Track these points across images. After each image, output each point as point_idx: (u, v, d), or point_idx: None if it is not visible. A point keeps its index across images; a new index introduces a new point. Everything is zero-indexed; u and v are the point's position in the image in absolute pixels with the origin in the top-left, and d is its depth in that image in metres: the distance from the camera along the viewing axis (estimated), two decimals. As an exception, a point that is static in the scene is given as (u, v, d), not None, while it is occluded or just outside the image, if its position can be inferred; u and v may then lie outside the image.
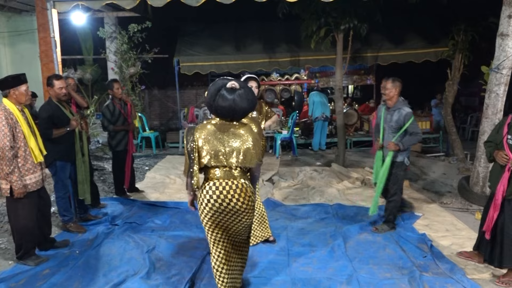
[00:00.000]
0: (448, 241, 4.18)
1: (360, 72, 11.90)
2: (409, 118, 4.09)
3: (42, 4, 5.82)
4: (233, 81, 2.65)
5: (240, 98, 2.60)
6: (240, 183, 2.67)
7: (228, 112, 2.63)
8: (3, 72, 8.04)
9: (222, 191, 2.63)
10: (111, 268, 3.63)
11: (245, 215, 2.72)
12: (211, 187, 2.65)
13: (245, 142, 2.66)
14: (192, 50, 9.54)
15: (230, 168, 2.66)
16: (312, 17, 6.74)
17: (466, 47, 8.06)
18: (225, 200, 2.63)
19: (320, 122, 8.86)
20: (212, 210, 2.66)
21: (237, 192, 2.64)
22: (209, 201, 2.65)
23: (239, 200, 2.65)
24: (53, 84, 4.21)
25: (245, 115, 2.71)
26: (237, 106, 2.61)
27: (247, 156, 2.65)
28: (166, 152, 9.25)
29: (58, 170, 4.27)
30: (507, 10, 4.90)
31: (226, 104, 2.60)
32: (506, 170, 3.27)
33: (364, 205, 5.29)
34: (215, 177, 2.66)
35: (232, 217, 2.70)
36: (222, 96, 2.60)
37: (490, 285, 3.33)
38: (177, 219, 4.84)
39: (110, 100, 5.44)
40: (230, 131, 2.68)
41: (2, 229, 4.52)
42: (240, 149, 2.64)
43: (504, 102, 5.13)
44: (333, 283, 3.33)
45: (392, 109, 4.20)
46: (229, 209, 2.65)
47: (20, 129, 3.49)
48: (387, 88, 4.19)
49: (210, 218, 2.69)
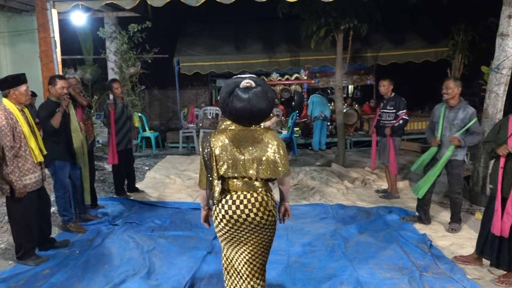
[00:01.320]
0: (448, 241, 4.18)
1: (360, 72, 11.89)
2: (474, 117, 4.15)
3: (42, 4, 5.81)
4: (248, 79, 2.34)
5: (256, 97, 2.29)
6: (261, 195, 2.39)
7: (244, 114, 2.32)
8: (3, 72, 8.04)
9: (240, 205, 2.36)
10: (111, 268, 3.63)
11: (264, 230, 2.44)
12: (228, 201, 2.38)
13: (267, 149, 2.37)
14: (192, 50, 9.54)
15: (250, 179, 2.38)
16: (312, 17, 6.74)
17: (466, 47, 8.07)
18: (241, 216, 2.36)
19: (319, 122, 8.85)
20: (228, 225, 2.40)
21: (256, 205, 2.36)
22: (224, 216, 2.38)
23: (258, 214, 2.37)
24: (56, 83, 4.19)
25: (265, 117, 2.41)
26: (254, 107, 2.30)
27: (270, 166, 2.36)
28: (166, 152, 9.25)
29: (57, 169, 4.27)
30: (507, 10, 4.90)
31: (241, 105, 2.29)
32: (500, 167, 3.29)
33: (364, 205, 5.29)
34: (233, 188, 2.40)
35: (249, 233, 2.42)
36: (237, 97, 2.30)
37: (490, 285, 3.33)
38: (177, 219, 4.84)
39: (110, 100, 5.45)
40: (250, 137, 2.38)
41: (2, 229, 4.51)
42: (262, 158, 2.35)
43: (504, 102, 5.13)
44: (333, 283, 3.33)
45: (456, 108, 4.23)
46: (246, 224, 2.38)
47: (20, 129, 3.49)
48: (449, 87, 4.20)
49: (226, 233, 2.44)
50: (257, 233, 2.43)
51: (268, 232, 2.46)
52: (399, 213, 4.88)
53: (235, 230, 2.41)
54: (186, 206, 5.25)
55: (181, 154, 8.97)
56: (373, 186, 6.20)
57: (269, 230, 2.46)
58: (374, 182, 6.38)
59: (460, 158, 4.30)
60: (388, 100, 5.48)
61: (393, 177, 5.58)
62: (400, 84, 5.77)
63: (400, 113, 5.35)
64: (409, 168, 7.15)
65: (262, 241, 2.48)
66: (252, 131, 2.40)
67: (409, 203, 5.35)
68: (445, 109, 4.34)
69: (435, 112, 4.48)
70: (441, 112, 4.36)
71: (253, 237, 2.44)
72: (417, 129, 9.55)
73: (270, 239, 2.52)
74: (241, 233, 2.43)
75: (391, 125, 5.35)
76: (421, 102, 10.61)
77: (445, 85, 4.26)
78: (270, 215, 2.42)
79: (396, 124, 5.33)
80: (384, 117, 5.49)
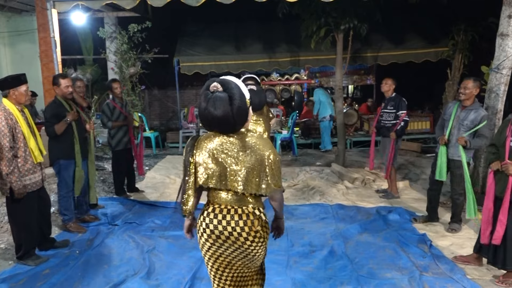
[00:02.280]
0: (448, 241, 4.18)
1: (360, 72, 11.90)
2: (484, 120, 4.11)
3: (42, 4, 5.81)
4: (217, 82, 2.06)
5: (214, 103, 2.00)
6: (246, 212, 2.10)
7: (205, 120, 2.08)
8: (3, 72, 8.04)
9: (222, 220, 2.09)
10: (111, 268, 3.63)
11: (251, 252, 2.14)
12: (209, 213, 2.13)
13: (256, 160, 2.07)
14: (192, 50, 9.54)
15: (235, 192, 2.09)
16: (312, 17, 6.74)
17: (466, 47, 8.07)
18: (223, 232, 2.09)
19: (327, 122, 8.84)
20: (208, 241, 2.15)
21: (240, 224, 2.07)
22: (205, 230, 2.14)
23: (241, 234, 2.08)
24: (60, 83, 4.22)
25: (226, 124, 2.06)
26: (209, 114, 2.02)
27: (253, 181, 2.06)
28: (166, 152, 9.25)
29: (61, 169, 4.27)
30: (507, 10, 4.90)
31: (201, 109, 2.07)
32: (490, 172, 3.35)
33: (364, 205, 5.29)
34: (218, 201, 2.14)
35: (234, 253, 2.15)
36: (201, 99, 2.08)
37: (490, 285, 3.33)
38: (177, 219, 4.84)
39: (110, 99, 5.46)
40: (237, 145, 2.09)
41: (2, 229, 4.51)
42: (248, 169, 2.06)
43: (504, 102, 5.13)
44: (333, 283, 3.33)
45: (469, 108, 4.19)
46: (229, 242, 2.11)
47: (20, 129, 3.49)
48: (468, 87, 4.15)
49: (208, 250, 2.19)
50: (243, 254, 2.15)
51: (257, 254, 2.16)
52: (399, 213, 4.88)
53: (218, 248, 2.15)
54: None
55: (181, 154, 8.96)
56: (373, 186, 6.20)
57: (257, 251, 2.15)
58: (374, 182, 6.38)
59: (466, 160, 4.27)
60: (389, 100, 5.49)
61: (392, 177, 5.58)
62: (400, 84, 5.76)
63: (400, 113, 5.34)
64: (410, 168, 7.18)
65: (249, 263, 2.21)
66: (240, 138, 2.10)
67: (409, 203, 5.35)
68: (457, 108, 4.29)
69: (447, 110, 4.44)
70: (453, 110, 4.31)
71: (240, 258, 2.17)
72: (417, 129, 9.55)
73: (259, 259, 2.22)
74: (226, 252, 2.16)
75: (394, 129, 5.33)
76: (421, 102, 10.61)
77: (464, 85, 4.18)
78: (257, 236, 2.11)
79: (398, 127, 5.32)
80: (384, 117, 5.50)
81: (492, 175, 3.35)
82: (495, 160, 3.35)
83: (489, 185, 3.38)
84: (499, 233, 3.24)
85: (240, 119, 2.07)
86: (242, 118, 2.09)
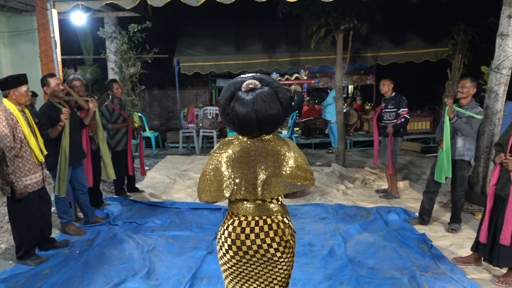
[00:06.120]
0: (448, 241, 4.18)
1: (360, 72, 11.89)
2: (481, 115, 4.14)
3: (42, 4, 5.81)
4: (251, 79, 1.90)
5: (263, 100, 1.83)
6: (276, 221, 1.96)
7: (249, 123, 1.86)
8: (3, 72, 8.04)
9: (250, 233, 1.92)
10: (111, 268, 3.63)
11: (279, 264, 1.99)
12: (236, 228, 1.95)
13: (284, 163, 1.94)
14: (192, 50, 9.54)
15: (263, 201, 1.95)
16: (312, 17, 6.74)
17: (466, 47, 8.07)
18: (252, 247, 1.92)
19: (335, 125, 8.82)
20: (235, 257, 1.96)
21: (270, 234, 1.93)
22: (231, 247, 1.95)
23: (272, 245, 1.93)
24: (49, 83, 4.10)
25: (278, 124, 1.94)
26: (260, 114, 1.83)
27: (288, 181, 1.93)
28: (166, 152, 9.25)
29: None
30: (507, 10, 4.91)
31: (243, 112, 1.83)
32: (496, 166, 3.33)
33: (364, 205, 5.29)
34: (243, 212, 1.96)
35: (261, 267, 1.99)
36: (238, 101, 1.85)
37: (490, 285, 3.33)
38: (177, 219, 4.84)
39: (109, 101, 5.46)
40: (262, 150, 1.93)
41: (2, 229, 4.52)
42: (278, 174, 1.92)
43: (504, 102, 5.13)
44: (333, 283, 3.33)
45: (465, 107, 4.21)
46: (258, 257, 1.94)
47: (21, 129, 3.49)
48: (465, 86, 4.17)
49: (232, 267, 2.00)
50: (271, 267, 1.99)
51: (284, 266, 2.01)
52: (399, 213, 4.88)
53: (244, 264, 1.98)
54: (186, 206, 5.25)
55: (181, 154, 8.97)
56: (373, 186, 6.20)
57: (286, 264, 2.01)
58: (374, 182, 6.38)
59: (466, 159, 4.28)
60: (389, 100, 5.50)
61: (392, 177, 5.59)
62: (400, 84, 5.76)
63: (401, 111, 5.35)
64: (410, 168, 7.18)
65: (277, 277, 2.03)
66: (264, 142, 1.95)
67: (409, 203, 5.35)
68: (455, 108, 4.30)
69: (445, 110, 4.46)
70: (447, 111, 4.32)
71: (266, 272, 2.01)
72: (417, 129, 9.55)
73: (288, 274, 2.06)
74: (251, 267, 1.99)
75: (392, 124, 5.35)
76: (421, 102, 10.62)
77: (462, 84, 4.21)
78: (287, 246, 1.98)
79: (398, 122, 5.33)
80: (386, 117, 5.51)
81: (498, 172, 3.32)
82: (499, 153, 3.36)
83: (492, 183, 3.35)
84: (507, 233, 3.22)
85: (285, 116, 1.95)
86: (286, 115, 1.96)
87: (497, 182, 3.33)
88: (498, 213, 3.33)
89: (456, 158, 4.26)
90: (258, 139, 1.96)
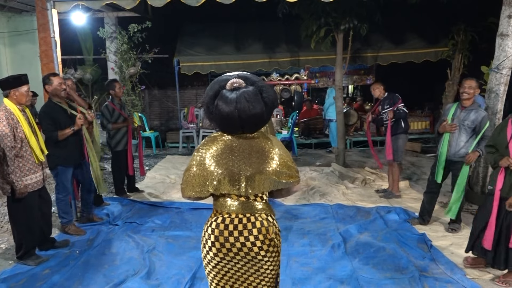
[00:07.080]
0: (448, 241, 4.18)
1: (360, 72, 11.90)
2: (486, 122, 4.08)
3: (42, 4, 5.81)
4: (236, 77, 1.90)
5: (246, 100, 1.83)
6: (260, 219, 1.96)
7: (232, 122, 1.87)
8: (3, 72, 8.04)
9: (233, 230, 1.92)
10: (111, 268, 3.64)
11: (265, 264, 1.98)
12: (219, 225, 1.94)
13: (269, 160, 1.94)
14: (192, 50, 9.54)
15: (247, 198, 1.95)
16: (312, 17, 6.74)
17: (466, 47, 8.07)
18: (235, 244, 1.92)
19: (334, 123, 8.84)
20: (217, 257, 1.96)
21: (254, 232, 1.92)
22: (214, 244, 1.94)
23: (255, 244, 1.93)
24: (52, 81, 4.11)
25: (261, 124, 1.94)
26: (243, 113, 1.83)
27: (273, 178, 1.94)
28: (166, 152, 9.25)
29: (59, 173, 4.25)
30: (507, 10, 4.91)
31: (226, 110, 1.84)
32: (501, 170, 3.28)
33: (364, 205, 5.29)
34: (226, 210, 1.96)
35: (245, 266, 1.98)
36: (222, 100, 1.86)
37: (490, 285, 3.33)
38: (177, 219, 4.85)
39: (109, 101, 5.46)
40: (246, 147, 1.95)
41: (2, 229, 4.52)
42: (262, 171, 1.93)
43: (504, 102, 5.13)
44: (333, 283, 3.33)
45: (469, 109, 4.17)
46: (241, 255, 1.94)
47: (21, 129, 3.50)
48: (472, 87, 4.11)
49: (216, 266, 2.00)
50: (256, 268, 1.99)
51: (270, 266, 2.01)
52: (399, 213, 4.88)
53: (228, 262, 1.97)
54: (186, 206, 5.25)
55: (181, 154, 8.98)
56: (373, 186, 6.20)
57: (271, 263, 2.00)
58: (374, 182, 6.38)
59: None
60: (384, 100, 5.55)
61: (395, 174, 5.58)
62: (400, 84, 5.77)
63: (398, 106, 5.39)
64: (410, 168, 7.18)
65: (264, 278, 2.02)
66: (248, 139, 1.97)
67: (409, 203, 5.35)
68: (456, 108, 4.27)
69: (446, 111, 4.43)
70: (451, 111, 4.29)
71: (252, 273, 2.01)
72: (417, 129, 9.54)
73: (275, 275, 2.07)
74: (236, 267, 1.98)
75: (391, 109, 5.37)
76: (421, 102, 10.62)
77: (468, 84, 4.12)
78: (272, 245, 1.97)
79: (395, 109, 5.32)
80: (385, 118, 5.53)
81: (503, 176, 3.27)
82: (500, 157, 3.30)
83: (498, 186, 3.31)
84: None
85: (268, 116, 1.94)
86: (270, 115, 1.96)
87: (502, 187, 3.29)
88: (502, 217, 3.31)
89: (457, 160, 4.25)
90: (242, 136, 1.97)
